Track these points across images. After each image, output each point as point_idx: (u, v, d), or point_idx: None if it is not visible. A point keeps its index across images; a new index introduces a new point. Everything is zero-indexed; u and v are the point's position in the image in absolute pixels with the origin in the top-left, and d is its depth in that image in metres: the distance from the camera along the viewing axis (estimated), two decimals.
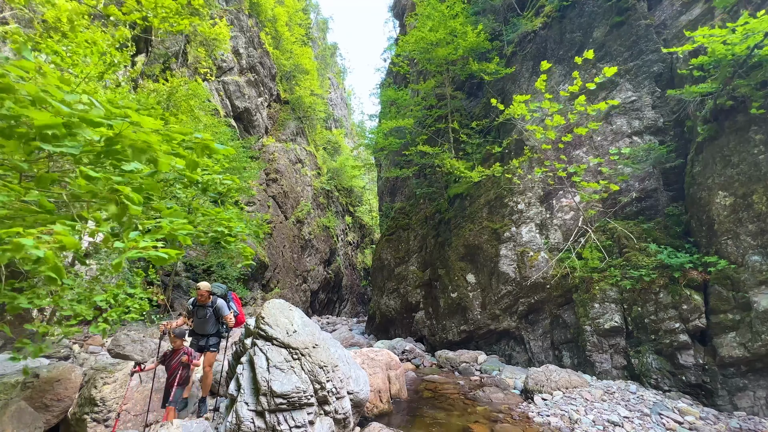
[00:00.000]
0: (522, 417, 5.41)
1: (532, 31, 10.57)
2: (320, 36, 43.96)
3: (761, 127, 5.50)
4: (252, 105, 21.74)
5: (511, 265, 8.74)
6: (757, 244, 5.38)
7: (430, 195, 13.28)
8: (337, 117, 43.50)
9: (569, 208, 8.33)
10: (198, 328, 5.21)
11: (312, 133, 30.94)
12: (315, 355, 4.37)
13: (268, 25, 25.87)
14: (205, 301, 5.12)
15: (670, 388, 5.96)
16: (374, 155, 21.31)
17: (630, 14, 8.40)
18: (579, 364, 7.17)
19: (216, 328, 5.25)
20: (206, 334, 5.20)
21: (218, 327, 5.27)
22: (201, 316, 5.15)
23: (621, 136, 7.92)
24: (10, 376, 4.06)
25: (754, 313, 5.28)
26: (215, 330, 5.25)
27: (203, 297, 5.09)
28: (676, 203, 7.11)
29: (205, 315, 5.13)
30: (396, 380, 6.39)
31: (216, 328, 5.25)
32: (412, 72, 17.96)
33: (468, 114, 13.11)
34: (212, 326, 5.20)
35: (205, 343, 5.17)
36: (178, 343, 4.59)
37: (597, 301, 7.01)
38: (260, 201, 20.01)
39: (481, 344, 9.51)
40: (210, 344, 5.17)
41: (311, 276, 23.58)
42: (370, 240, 36.75)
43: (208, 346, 5.16)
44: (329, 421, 4.13)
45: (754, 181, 5.49)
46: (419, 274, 12.25)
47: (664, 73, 7.76)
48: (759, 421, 4.92)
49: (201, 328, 5.19)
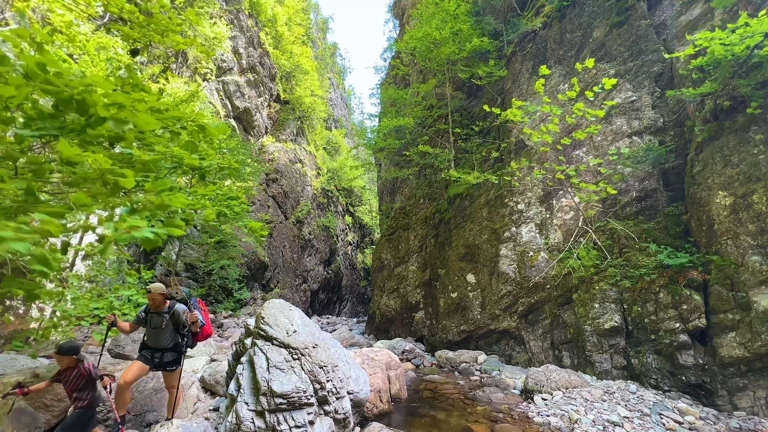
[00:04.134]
0: (522, 417, 5.41)
1: (532, 30, 10.58)
2: (320, 36, 43.96)
3: (761, 127, 5.51)
4: (252, 105, 21.73)
5: (511, 265, 8.75)
6: (757, 244, 5.38)
7: (430, 195, 13.28)
8: (337, 117, 43.51)
9: (569, 208, 8.33)
10: (152, 340, 4.16)
11: (312, 133, 30.94)
12: (315, 355, 4.38)
13: (268, 25, 25.86)
14: (160, 306, 4.16)
15: (670, 388, 5.96)
16: (374, 155, 21.31)
17: (630, 14, 8.40)
18: (579, 364, 7.17)
19: (174, 340, 4.22)
20: (162, 348, 4.15)
21: (177, 339, 4.25)
22: (155, 325, 4.12)
23: (621, 136, 7.92)
24: (10, 376, 4.05)
25: (754, 313, 5.28)
26: (173, 343, 4.20)
27: (156, 302, 4.12)
28: (676, 203, 7.11)
29: (160, 324, 4.10)
30: (396, 380, 6.39)
31: (174, 341, 4.22)
32: (412, 72, 17.96)
33: (468, 114, 13.11)
34: (169, 338, 4.18)
35: (160, 360, 4.13)
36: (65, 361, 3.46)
37: (597, 301, 7.01)
38: (260, 201, 20.00)
39: (481, 344, 9.51)
40: (166, 361, 4.13)
41: (311, 276, 23.59)
42: (370, 240, 36.75)
43: (164, 363, 4.13)
44: (329, 421, 4.13)
45: (754, 181, 5.49)
46: (419, 274, 12.25)
47: (664, 73, 7.76)
48: (759, 421, 4.92)
49: (155, 340, 4.14)
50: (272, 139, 24.25)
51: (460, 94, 13.35)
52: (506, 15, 12.47)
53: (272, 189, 21.90)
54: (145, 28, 4.54)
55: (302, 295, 21.62)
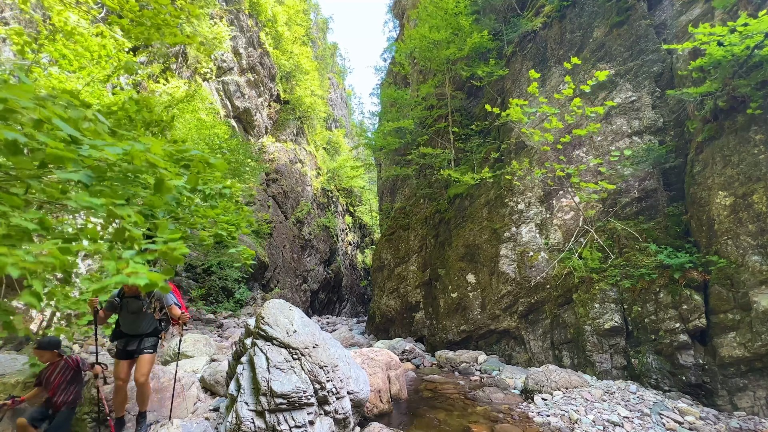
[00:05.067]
0: (522, 417, 5.41)
1: (532, 30, 10.58)
2: (320, 36, 43.96)
3: (761, 127, 5.50)
4: (252, 105, 21.74)
5: (511, 265, 8.75)
6: (757, 244, 5.37)
7: (430, 195, 13.28)
8: (337, 117, 43.52)
9: (569, 208, 8.33)
10: (129, 326, 4.03)
11: (312, 133, 30.95)
12: (315, 355, 4.38)
13: (268, 25, 25.87)
14: (138, 291, 3.98)
15: (670, 388, 5.96)
16: (374, 155, 21.33)
17: (630, 14, 8.41)
18: (579, 364, 7.17)
19: (153, 324, 4.16)
20: (140, 334, 4.06)
21: (156, 324, 4.19)
22: (133, 310, 4.01)
23: (621, 136, 7.92)
24: (10, 376, 4.05)
25: (754, 313, 5.28)
26: (152, 327, 4.14)
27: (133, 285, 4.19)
28: (676, 203, 7.11)
29: (140, 308, 4.01)
30: (396, 380, 6.39)
31: (154, 326, 4.16)
32: (412, 72, 17.96)
33: (468, 114, 13.11)
34: (149, 323, 4.12)
35: (137, 346, 4.00)
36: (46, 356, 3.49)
37: (597, 301, 7.01)
38: (260, 201, 20.01)
39: (481, 344, 9.51)
40: (145, 347, 4.02)
41: (311, 276, 23.59)
42: (370, 240, 36.76)
43: (142, 349, 4.00)
44: (329, 421, 4.13)
45: (754, 181, 5.49)
46: (419, 274, 12.25)
47: (664, 73, 7.76)
48: (759, 421, 4.92)
49: (132, 326, 4.03)
50: (272, 139, 24.26)
51: (460, 94, 13.35)
52: (506, 15, 12.47)
53: (272, 189, 21.90)
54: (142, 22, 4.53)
55: (302, 295, 21.62)
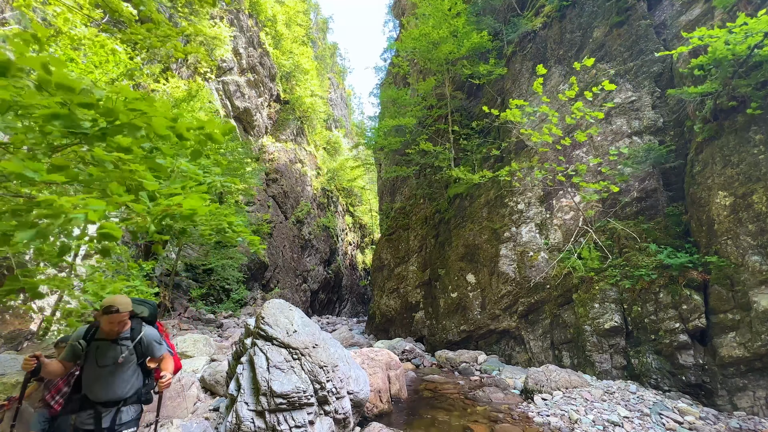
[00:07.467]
0: (522, 417, 5.41)
1: (532, 30, 10.58)
2: (320, 36, 43.98)
3: (761, 127, 5.50)
4: (252, 105, 21.74)
5: (511, 265, 8.75)
6: (757, 244, 5.37)
7: (430, 195, 13.28)
8: (337, 117, 43.53)
9: (569, 208, 8.33)
10: (98, 388, 2.51)
11: (312, 133, 30.95)
12: (315, 355, 4.38)
13: (268, 25, 25.89)
14: (120, 330, 2.58)
15: (669, 388, 5.96)
16: (374, 155, 21.32)
17: (630, 14, 8.40)
18: (579, 364, 7.17)
19: (138, 383, 2.68)
20: (115, 401, 2.54)
21: (140, 382, 2.70)
22: (108, 360, 2.52)
23: (621, 136, 7.92)
24: (10, 375, 4.05)
25: (754, 313, 5.28)
26: (133, 389, 2.64)
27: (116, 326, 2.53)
28: (676, 203, 7.11)
29: (117, 358, 2.52)
30: (396, 380, 6.39)
31: (137, 385, 2.67)
32: (412, 72, 17.96)
33: (468, 114, 13.11)
34: (128, 381, 2.61)
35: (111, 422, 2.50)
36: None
37: (597, 301, 7.01)
38: (260, 201, 20.02)
39: (481, 344, 9.51)
40: (123, 422, 2.55)
41: (311, 276, 23.59)
42: (370, 240, 36.76)
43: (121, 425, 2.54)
44: (329, 421, 4.13)
45: (754, 181, 5.49)
46: (419, 274, 12.25)
47: (664, 73, 7.76)
48: (759, 421, 4.92)
49: (105, 385, 2.52)
50: (272, 139, 24.26)
51: (460, 93, 13.35)
52: (506, 15, 12.48)
53: (272, 189, 21.91)
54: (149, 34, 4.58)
55: (302, 295, 21.62)
